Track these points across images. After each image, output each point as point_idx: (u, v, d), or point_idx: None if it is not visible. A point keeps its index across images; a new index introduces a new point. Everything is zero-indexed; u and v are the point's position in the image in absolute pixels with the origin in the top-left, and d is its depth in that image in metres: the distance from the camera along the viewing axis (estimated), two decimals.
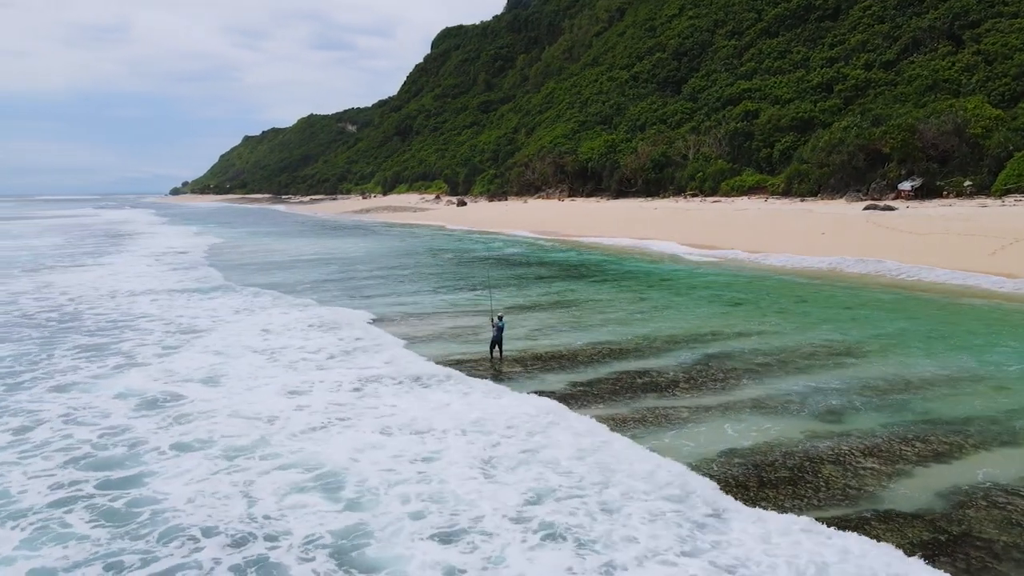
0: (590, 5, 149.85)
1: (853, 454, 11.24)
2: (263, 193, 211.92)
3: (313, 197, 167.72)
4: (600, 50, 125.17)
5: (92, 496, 9.89)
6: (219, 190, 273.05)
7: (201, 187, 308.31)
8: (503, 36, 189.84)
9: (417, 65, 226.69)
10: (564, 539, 8.53)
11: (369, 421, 12.79)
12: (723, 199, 65.54)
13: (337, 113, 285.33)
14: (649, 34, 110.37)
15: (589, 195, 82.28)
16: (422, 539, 8.64)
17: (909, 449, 11.43)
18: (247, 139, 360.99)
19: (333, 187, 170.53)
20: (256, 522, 9.10)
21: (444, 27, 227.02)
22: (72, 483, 10.31)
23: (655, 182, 75.44)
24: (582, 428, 12.09)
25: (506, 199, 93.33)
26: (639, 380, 15.37)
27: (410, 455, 11.16)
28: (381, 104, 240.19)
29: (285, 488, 10.04)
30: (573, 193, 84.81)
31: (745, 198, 64.65)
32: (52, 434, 12.21)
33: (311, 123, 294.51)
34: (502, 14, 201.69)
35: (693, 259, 37.44)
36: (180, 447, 11.67)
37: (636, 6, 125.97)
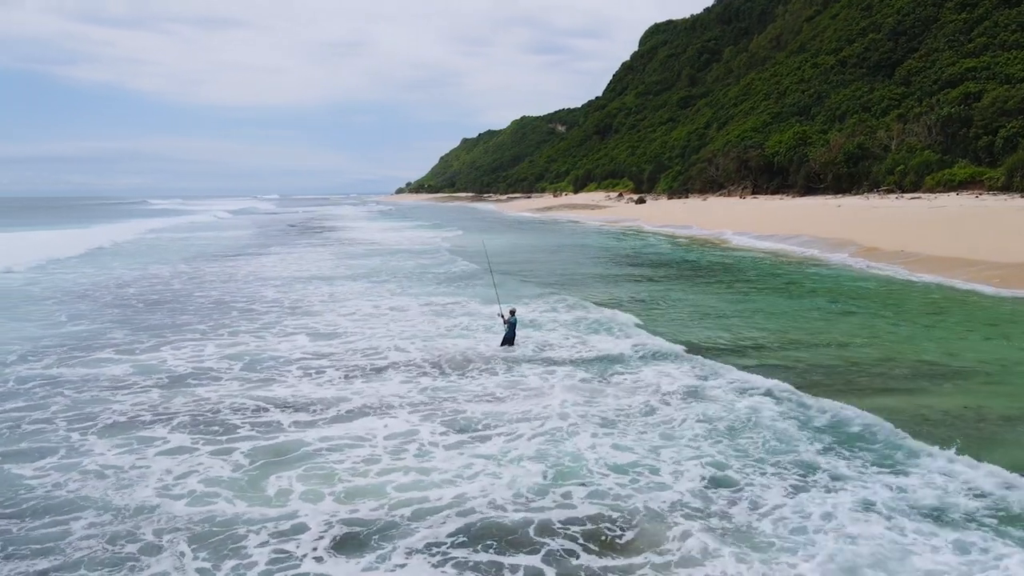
0: None
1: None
2: (467, 192, 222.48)
3: (510, 196, 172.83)
4: (809, 35, 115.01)
5: None
6: (431, 189, 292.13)
7: (417, 187, 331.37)
8: (712, 28, 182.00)
9: (623, 63, 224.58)
10: None
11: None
12: (924, 195, 56.79)
13: (548, 114, 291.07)
14: (864, 14, 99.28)
15: (774, 192, 75.60)
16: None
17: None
18: (464, 141, 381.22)
19: (530, 186, 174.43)
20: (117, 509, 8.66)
21: (653, 23, 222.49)
22: None
23: (847, 177, 67.34)
24: None
25: (687, 196, 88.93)
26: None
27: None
28: (588, 104, 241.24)
29: (195, 481, 9.40)
30: (756, 190, 78.47)
31: (952, 194, 55.45)
32: (24, 403, 12.49)
33: (523, 125, 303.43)
34: (712, 6, 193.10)
35: (837, 262, 32.76)
36: (128, 425, 11.44)
37: None
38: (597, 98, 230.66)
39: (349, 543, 7.77)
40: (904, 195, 58.94)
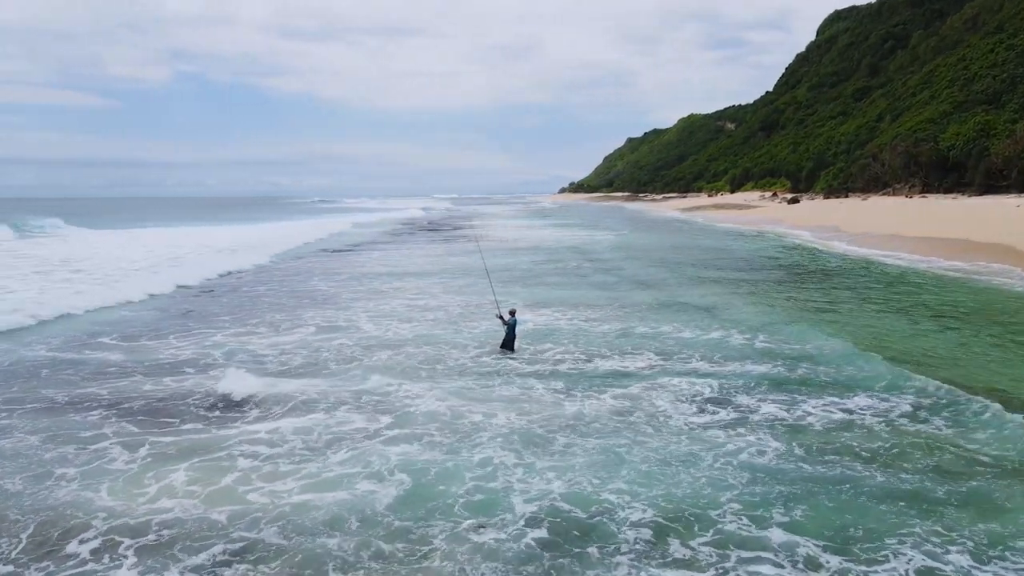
0: None
1: None
2: (624, 192, 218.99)
3: (665, 195, 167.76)
4: (1010, 12, 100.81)
5: None
6: (589, 189, 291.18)
7: (577, 187, 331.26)
8: (900, 12, 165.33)
9: (798, 55, 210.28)
10: None
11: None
12: None
13: (717, 112, 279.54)
14: None
15: (948, 191, 66.81)
16: None
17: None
18: (629, 140, 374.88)
19: (687, 185, 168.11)
20: None
21: (834, 10, 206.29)
22: None
23: None
24: None
25: (846, 196, 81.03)
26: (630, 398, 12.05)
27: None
28: (759, 100, 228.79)
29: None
30: (927, 189, 69.71)
31: None
32: None
33: (690, 123, 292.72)
34: None
35: (968, 270, 28.26)
36: (63, 410, 11.70)
37: None
38: (767, 93, 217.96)
39: (166, 549, 7.46)
40: None
